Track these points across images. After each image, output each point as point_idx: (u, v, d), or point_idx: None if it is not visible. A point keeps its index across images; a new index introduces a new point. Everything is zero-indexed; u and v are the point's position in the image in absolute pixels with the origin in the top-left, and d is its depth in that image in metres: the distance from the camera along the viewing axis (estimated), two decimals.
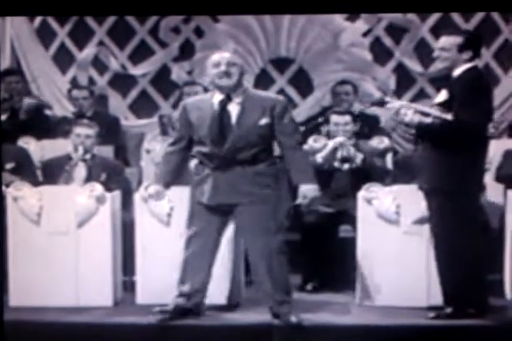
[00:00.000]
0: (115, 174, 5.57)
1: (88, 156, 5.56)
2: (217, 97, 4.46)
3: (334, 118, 5.63)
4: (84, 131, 5.59)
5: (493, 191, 5.48)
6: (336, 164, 5.52)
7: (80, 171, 5.52)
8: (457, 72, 4.53)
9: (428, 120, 4.45)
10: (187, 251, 4.54)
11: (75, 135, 5.58)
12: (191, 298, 4.55)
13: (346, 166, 5.51)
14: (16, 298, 4.91)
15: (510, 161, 5.53)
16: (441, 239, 4.54)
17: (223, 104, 4.44)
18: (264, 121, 4.42)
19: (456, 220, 4.47)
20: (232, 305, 4.86)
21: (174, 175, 4.58)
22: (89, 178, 5.41)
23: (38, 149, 6.25)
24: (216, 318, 4.66)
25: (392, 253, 4.84)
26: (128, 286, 5.12)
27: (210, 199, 4.44)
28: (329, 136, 5.73)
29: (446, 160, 4.47)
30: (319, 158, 5.50)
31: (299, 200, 4.45)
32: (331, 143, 5.52)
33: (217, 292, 4.79)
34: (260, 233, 4.43)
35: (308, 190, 4.42)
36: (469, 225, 4.50)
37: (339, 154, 5.51)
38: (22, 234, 4.93)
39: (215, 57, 4.47)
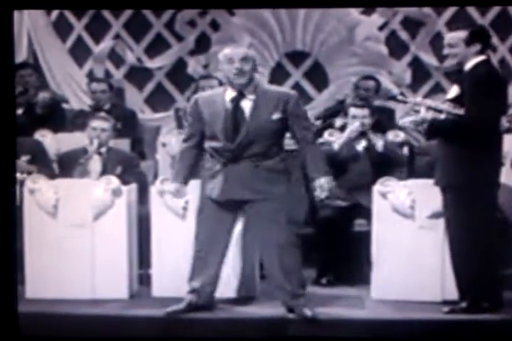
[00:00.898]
0: (131, 167, 5.59)
1: (103, 149, 5.58)
2: (230, 93, 4.46)
3: (353, 111, 5.63)
4: (100, 124, 5.62)
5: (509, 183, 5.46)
6: (358, 149, 5.52)
7: (96, 164, 5.55)
8: (468, 66, 4.52)
9: (441, 116, 4.45)
10: (196, 246, 4.56)
11: (91, 128, 5.61)
12: (201, 293, 4.57)
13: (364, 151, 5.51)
14: (32, 290, 4.94)
15: None
16: (455, 233, 4.54)
17: (236, 101, 4.45)
18: (276, 115, 4.42)
19: (471, 215, 4.47)
20: (246, 299, 4.87)
21: (191, 170, 4.59)
22: (104, 171, 5.43)
23: (54, 142, 6.28)
24: (230, 311, 4.67)
25: (407, 248, 4.84)
26: (144, 279, 5.14)
27: (220, 194, 4.45)
28: (344, 129, 5.73)
29: (461, 156, 4.46)
30: (336, 145, 5.51)
31: (317, 193, 4.45)
32: (351, 128, 5.52)
33: (231, 286, 4.82)
34: (272, 228, 4.44)
35: (325, 182, 4.41)
36: (484, 220, 4.50)
37: (361, 142, 5.53)
38: (38, 226, 4.96)
39: (228, 52, 4.45)
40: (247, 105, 4.44)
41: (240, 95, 4.44)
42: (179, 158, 4.63)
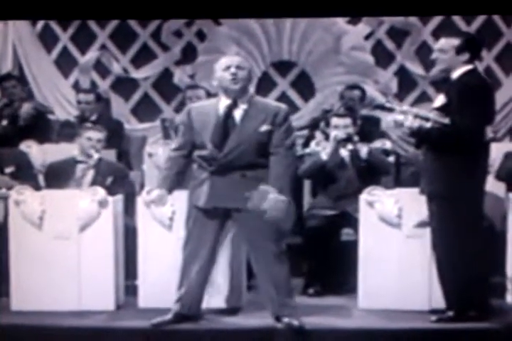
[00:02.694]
0: (121, 178, 5.58)
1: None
2: (224, 102, 4.47)
3: (334, 120, 5.63)
4: (95, 135, 5.61)
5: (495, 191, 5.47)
6: (343, 157, 5.51)
7: (88, 176, 5.54)
8: (455, 75, 4.53)
9: (428, 124, 4.45)
10: (184, 255, 4.55)
11: (86, 138, 5.59)
12: (187, 301, 4.55)
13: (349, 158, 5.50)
14: (18, 302, 4.91)
15: (510, 161, 5.53)
16: (441, 242, 4.53)
17: (229, 109, 4.45)
18: (264, 127, 4.43)
19: (457, 224, 4.46)
20: (233, 309, 4.86)
21: (177, 180, 4.58)
22: (95, 182, 5.41)
23: (40, 153, 6.25)
24: (218, 322, 4.65)
25: (394, 257, 4.83)
26: (130, 290, 5.11)
27: (206, 202, 4.44)
28: (330, 139, 5.73)
29: (447, 165, 4.46)
30: (324, 155, 5.50)
31: (264, 208, 4.34)
32: (333, 136, 5.52)
33: (218, 296, 4.80)
34: (260, 238, 4.43)
35: (274, 200, 4.33)
36: (470, 228, 4.49)
37: (346, 148, 5.52)
38: (24, 238, 4.93)
39: (225, 60, 4.48)
40: (238, 114, 4.45)
41: (234, 103, 4.45)
42: (166, 166, 4.62)
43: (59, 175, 5.53)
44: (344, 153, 5.55)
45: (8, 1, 5.65)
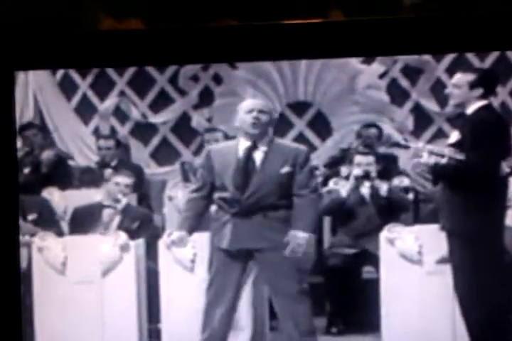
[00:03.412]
0: (146, 222, 5.63)
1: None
2: (243, 144, 4.52)
3: (357, 158, 5.67)
4: (123, 180, 5.68)
5: None
6: (363, 195, 5.54)
7: (115, 220, 5.59)
8: (469, 110, 4.55)
9: (443, 161, 4.47)
10: (207, 298, 4.55)
11: (114, 183, 5.66)
12: None
13: (369, 197, 5.53)
14: None
15: None
16: (463, 279, 4.51)
17: (249, 151, 4.49)
18: (285, 169, 4.47)
19: (477, 260, 4.45)
20: None
21: (197, 221, 4.61)
22: (121, 227, 5.46)
23: (61, 199, 6.31)
24: None
25: (416, 294, 4.82)
26: (153, 334, 5.11)
27: (230, 244, 4.47)
28: (349, 177, 5.76)
29: (464, 201, 4.47)
30: (344, 192, 5.53)
31: (290, 248, 4.38)
32: (354, 174, 5.55)
33: (241, 337, 4.79)
34: (282, 278, 4.44)
35: (296, 237, 4.38)
36: (491, 264, 4.47)
37: (365, 186, 5.55)
38: (48, 283, 4.96)
39: (249, 103, 4.54)
40: (258, 156, 4.49)
41: (254, 146, 4.49)
42: (186, 208, 4.66)
43: (85, 220, 5.58)
44: (364, 190, 5.58)
45: (28, 51, 5.76)
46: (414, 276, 4.85)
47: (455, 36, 6.55)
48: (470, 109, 4.55)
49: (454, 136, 4.58)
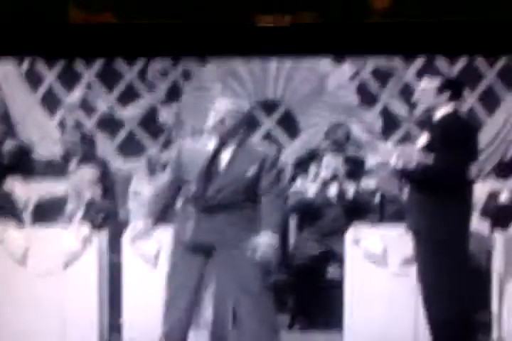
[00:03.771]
0: (110, 216, 5.57)
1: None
2: (213, 142, 4.48)
3: (326, 159, 5.67)
4: (87, 174, 5.62)
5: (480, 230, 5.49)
6: (330, 196, 5.54)
7: (78, 213, 5.53)
8: (437, 115, 4.57)
9: (412, 164, 4.47)
10: (166, 291, 4.50)
11: (78, 177, 5.60)
12: (172, 338, 4.50)
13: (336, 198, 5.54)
14: (1, 339, 4.85)
15: (493, 200, 5.56)
16: (427, 280, 4.51)
17: (217, 151, 4.46)
18: (251, 172, 4.44)
19: (442, 262, 4.45)
20: None
21: (163, 213, 4.57)
22: (84, 220, 5.39)
23: (23, 191, 6.23)
24: None
25: (380, 294, 4.82)
26: (114, 328, 5.06)
27: (190, 238, 4.43)
28: (317, 177, 5.76)
29: (431, 203, 4.46)
30: (311, 193, 5.53)
31: (256, 249, 4.37)
32: (321, 176, 5.56)
33: (203, 333, 4.75)
34: (245, 275, 4.39)
35: (263, 238, 4.37)
36: (455, 266, 4.48)
37: (332, 187, 5.55)
38: (7, 275, 4.89)
39: (221, 103, 4.49)
40: (226, 157, 4.46)
41: (222, 145, 4.46)
42: (153, 200, 4.60)
43: (48, 212, 5.52)
44: (331, 192, 5.58)
45: None
46: (379, 277, 4.86)
47: (424, 40, 6.63)
48: (438, 114, 4.57)
49: (423, 139, 4.59)
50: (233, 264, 4.42)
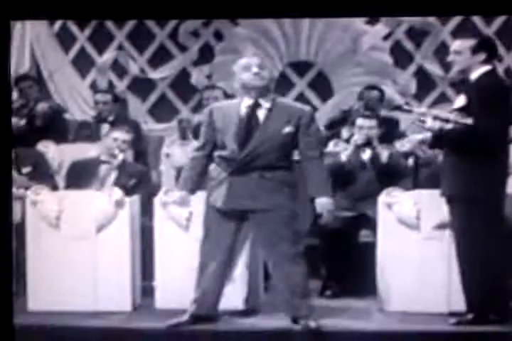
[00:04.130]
0: (144, 179, 5.57)
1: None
2: (246, 102, 4.44)
3: (360, 121, 5.59)
4: (121, 135, 5.60)
5: None
6: (363, 159, 5.50)
7: (111, 176, 5.53)
8: (474, 76, 4.49)
9: (448, 126, 4.41)
10: (200, 256, 4.52)
11: (112, 139, 5.58)
12: (203, 302, 4.53)
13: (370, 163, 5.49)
14: (34, 302, 4.90)
15: None
16: (463, 244, 4.49)
17: (252, 108, 4.42)
18: (287, 129, 4.39)
19: (478, 226, 4.42)
20: (251, 311, 4.82)
21: (199, 180, 4.55)
22: (118, 183, 5.39)
23: (57, 153, 6.26)
24: (234, 323, 4.63)
25: (413, 259, 4.79)
26: (147, 291, 5.09)
27: (224, 203, 4.41)
28: (350, 139, 5.71)
29: (468, 166, 4.42)
30: (344, 156, 5.48)
31: (320, 212, 4.43)
32: (354, 140, 5.51)
33: (235, 297, 4.77)
34: (277, 240, 4.40)
35: (323, 205, 4.38)
36: (491, 231, 4.45)
37: (366, 151, 5.50)
38: (41, 238, 4.92)
39: (245, 60, 4.45)
40: (261, 114, 4.41)
41: (256, 103, 4.41)
42: (189, 167, 4.58)
43: (81, 175, 5.51)
44: (364, 156, 5.52)
45: (25, 1, 5.65)
46: (412, 241, 4.82)
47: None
48: (474, 75, 4.49)
49: (460, 100, 4.51)
50: (266, 229, 4.42)
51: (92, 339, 4.52)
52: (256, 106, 4.41)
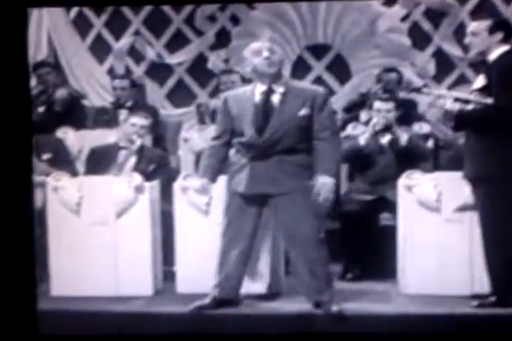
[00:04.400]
0: (163, 165, 5.57)
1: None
2: (260, 88, 4.44)
3: (377, 104, 5.56)
4: (140, 121, 5.60)
5: None
6: (382, 143, 5.47)
7: (130, 162, 5.53)
8: (493, 56, 4.46)
9: (468, 107, 4.38)
10: (223, 241, 4.53)
11: (130, 124, 5.58)
12: (225, 286, 4.54)
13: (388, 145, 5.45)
14: (57, 287, 4.93)
15: None
16: (488, 226, 4.46)
17: (266, 94, 4.42)
18: (303, 112, 4.39)
19: (504, 208, 4.39)
20: (272, 294, 4.83)
21: (219, 168, 4.56)
22: (137, 168, 5.40)
23: (76, 139, 6.27)
24: (256, 307, 4.64)
25: (434, 241, 4.77)
26: (168, 276, 5.11)
27: (246, 188, 4.42)
28: (368, 122, 5.68)
29: (490, 147, 4.39)
30: (362, 140, 5.45)
31: (316, 193, 4.35)
32: (372, 123, 5.48)
33: (257, 281, 4.78)
34: (297, 224, 4.40)
35: (324, 184, 4.34)
36: None
37: (385, 136, 5.47)
38: (62, 224, 4.95)
39: (254, 46, 4.45)
40: (276, 99, 4.41)
41: (270, 89, 4.41)
42: (208, 155, 4.58)
43: (101, 161, 5.52)
44: (383, 139, 5.49)
45: None
46: (432, 224, 4.80)
47: None
48: (493, 55, 4.46)
49: (480, 81, 4.48)
50: (287, 213, 4.42)
51: (113, 324, 4.53)
52: (270, 91, 4.42)
